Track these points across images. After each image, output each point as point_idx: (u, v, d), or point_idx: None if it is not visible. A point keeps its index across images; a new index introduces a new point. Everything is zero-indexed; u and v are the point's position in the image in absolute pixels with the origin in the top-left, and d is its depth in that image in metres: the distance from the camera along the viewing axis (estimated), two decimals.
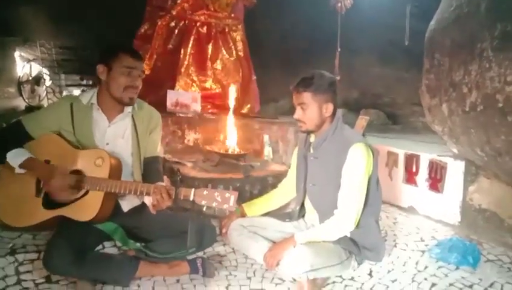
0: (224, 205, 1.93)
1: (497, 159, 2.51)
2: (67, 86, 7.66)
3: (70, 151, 2.09)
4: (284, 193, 2.60)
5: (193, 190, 1.97)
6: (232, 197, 1.93)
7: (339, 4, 4.57)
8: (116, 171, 2.09)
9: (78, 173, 2.05)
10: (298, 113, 2.23)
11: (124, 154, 2.20)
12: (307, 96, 2.17)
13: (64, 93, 7.47)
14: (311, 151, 2.33)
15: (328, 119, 2.24)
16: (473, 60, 2.44)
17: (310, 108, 2.18)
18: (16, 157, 2.02)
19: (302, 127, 2.26)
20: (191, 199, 1.96)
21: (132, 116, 2.25)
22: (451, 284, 2.22)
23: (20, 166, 2.01)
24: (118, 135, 2.22)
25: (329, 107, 2.20)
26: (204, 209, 1.96)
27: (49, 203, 2.02)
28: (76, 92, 7.92)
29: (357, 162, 2.12)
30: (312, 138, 2.34)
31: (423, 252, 2.63)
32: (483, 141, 2.55)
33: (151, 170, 2.28)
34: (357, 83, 5.96)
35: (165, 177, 2.42)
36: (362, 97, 6.11)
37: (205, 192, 1.95)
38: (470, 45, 2.47)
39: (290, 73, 6.37)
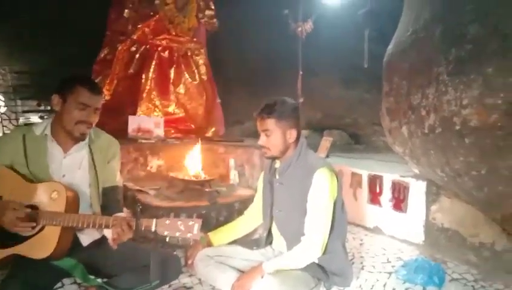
0: (188, 233, 1.87)
1: (457, 179, 2.58)
2: (24, 112, 7.39)
3: (23, 186, 1.98)
4: (251, 220, 2.57)
5: (155, 220, 1.91)
6: (195, 225, 1.88)
7: (300, 29, 4.67)
8: (73, 204, 1.99)
9: (33, 208, 1.94)
10: (262, 140, 2.22)
11: (81, 185, 2.12)
12: (270, 123, 2.18)
13: (21, 120, 7.18)
14: (277, 177, 2.32)
15: (292, 145, 2.25)
16: (430, 83, 2.51)
17: (274, 134, 2.19)
18: None
19: (267, 153, 2.25)
20: (153, 229, 1.88)
21: (89, 145, 2.17)
22: None
23: None
24: (74, 166, 2.13)
25: (293, 133, 2.21)
26: (167, 239, 1.89)
27: (3, 241, 1.89)
28: (33, 118, 7.66)
29: (321, 187, 2.12)
30: (277, 164, 2.33)
31: (390, 273, 2.64)
32: (443, 162, 2.61)
33: (110, 200, 2.19)
34: (319, 104, 6.05)
35: (124, 209, 2.33)
36: (325, 118, 6.20)
37: (167, 221, 1.89)
38: (426, 69, 2.54)
39: (254, 95, 6.46)
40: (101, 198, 2.18)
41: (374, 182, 3.48)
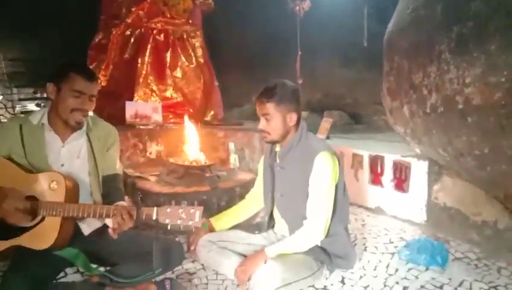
0: (189, 221, 1.86)
1: (459, 159, 2.56)
2: (20, 100, 7.30)
3: (22, 176, 1.96)
4: (252, 204, 2.57)
5: (155, 208, 1.90)
6: (197, 212, 1.86)
7: (297, 7, 4.57)
8: (72, 193, 1.98)
9: (32, 198, 1.92)
10: (262, 124, 2.20)
11: (81, 174, 2.11)
12: (270, 107, 2.15)
13: (17, 108, 7.11)
14: (277, 161, 2.30)
15: (293, 129, 2.22)
16: (432, 62, 2.46)
17: (274, 118, 2.16)
18: None
19: (267, 138, 2.23)
20: (154, 218, 1.87)
21: (87, 134, 2.14)
22: (422, 287, 2.23)
23: None
24: (73, 155, 2.11)
25: (293, 116, 2.18)
26: (168, 227, 1.88)
27: (3, 232, 1.88)
28: (30, 106, 7.59)
29: (323, 171, 2.11)
30: (277, 148, 2.31)
31: (393, 254, 2.64)
32: (445, 142, 2.58)
33: (110, 188, 2.19)
34: (319, 84, 5.99)
35: (126, 197, 2.32)
36: (325, 98, 6.15)
37: (168, 210, 1.88)
38: (428, 48, 2.49)
39: (253, 77, 6.40)
40: (102, 186, 2.17)
41: (375, 162, 3.46)
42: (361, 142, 4.22)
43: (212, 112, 5.24)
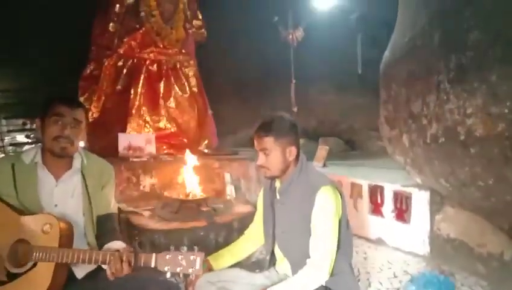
0: (189, 269, 1.75)
1: (462, 189, 2.50)
2: (9, 131, 7.19)
3: (13, 218, 1.86)
4: (252, 241, 2.46)
5: (154, 255, 1.79)
6: (197, 259, 1.76)
7: (290, 36, 4.58)
8: (67, 237, 1.87)
9: (23, 242, 1.82)
10: (261, 159, 2.12)
11: (75, 215, 2.01)
12: (268, 142, 2.07)
13: (6, 139, 6.98)
14: (278, 197, 2.21)
15: (293, 163, 2.15)
16: (431, 91, 2.43)
17: (273, 153, 2.08)
18: None
19: (267, 173, 2.15)
20: (153, 265, 1.77)
21: (82, 171, 2.06)
22: None
23: None
24: (67, 195, 2.02)
25: (293, 150, 2.11)
26: (168, 275, 1.77)
27: None
28: (19, 137, 7.47)
29: (325, 207, 2.02)
30: (277, 183, 2.23)
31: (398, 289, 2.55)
32: (447, 172, 2.53)
33: (105, 229, 2.08)
34: (314, 111, 5.99)
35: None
36: (320, 125, 6.14)
37: (168, 256, 1.77)
38: (426, 77, 2.46)
39: (247, 105, 6.40)
40: (96, 227, 2.07)
41: (375, 192, 3.39)
42: (359, 169, 4.17)
43: (206, 141, 5.17)
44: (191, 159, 3.62)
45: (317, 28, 4.75)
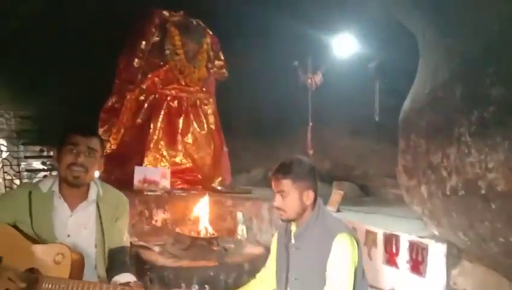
0: None
1: (481, 244, 2.43)
2: (26, 157, 7.28)
3: (25, 246, 1.87)
4: (263, 285, 2.41)
5: None
6: None
7: (309, 80, 4.65)
8: (78, 268, 1.87)
9: (33, 271, 1.81)
10: (278, 201, 2.12)
11: (87, 246, 2.01)
12: (286, 184, 2.08)
13: (22, 165, 7.08)
14: (293, 241, 2.19)
15: (309, 207, 2.14)
16: (451, 144, 2.42)
17: (290, 196, 2.08)
18: None
19: (283, 216, 2.14)
20: None
21: (97, 203, 2.07)
22: None
23: None
24: (80, 225, 2.03)
25: (310, 194, 2.11)
26: None
27: None
28: (36, 163, 7.57)
29: (342, 255, 1.99)
30: (293, 227, 2.21)
31: None
32: (466, 226, 2.48)
33: (116, 262, 2.09)
34: (328, 154, 5.99)
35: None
36: (334, 168, 6.12)
37: None
38: (447, 129, 2.46)
39: (262, 144, 6.43)
40: (107, 259, 2.06)
41: (390, 241, 3.32)
42: (374, 217, 4.10)
43: (220, 178, 5.18)
44: (204, 196, 3.62)
45: (336, 73, 4.83)
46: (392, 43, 4.38)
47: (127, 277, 1.96)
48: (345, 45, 4.48)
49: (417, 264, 3.12)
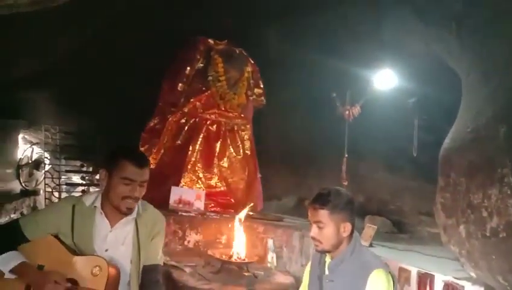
0: None
1: None
2: (67, 171, 7.55)
3: (66, 257, 1.94)
4: None
5: None
6: None
7: (347, 112, 4.67)
8: (113, 282, 1.92)
9: (72, 281, 1.87)
10: (314, 232, 2.11)
11: (122, 261, 2.05)
12: (323, 215, 2.07)
13: (63, 178, 7.35)
14: (326, 273, 2.17)
15: (346, 240, 2.12)
16: (493, 184, 2.38)
17: (327, 227, 2.08)
18: (7, 261, 1.87)
19: (318, 247, 2.13)
20: None
21: (136, 220, 2.13)
22: None
23: (11, 271, 1.85)
24: (118, 241, 2.08)
25: (347, 226, 2.09)
26: None
27: None
28: (75, 178, 7.84)
29: None
30: (327, 258, 2.19)
31: None
32: (506, 270, 2.40)
33: (149, 279, 2.11)
34: (362, 188, 5.91)
35: None
36: (368, 202, 6.01)
37: None
38: (488, 169, 2.42)
39: (295, 172, 6.43)
40: (141, 276, 2.10)
41: (425, 280, 3.23)
42: (407, 254, 4.00)
43: (252, 203, 5.21)
44: (238, 221, 3.65)
45: (374, 107, 4.82)
46: (433, 80, 4.36)
47: None
48: (384, 79, 4.49)
49: None
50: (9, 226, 2.05)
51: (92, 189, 6.83)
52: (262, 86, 5.53)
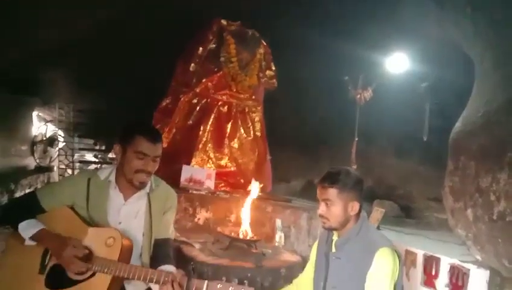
0: None
1: None
2: (80, 149, 7.67)
3: (81, 228, 2.00)
4: None
5: (206, 282, 1.86)
6: None
7: (359, 96, 4.66)
8: (126, 253, 1.99)
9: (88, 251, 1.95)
10: (322, 209, 2.15)
11: (135, 234, 2.12)
12: (332, 193, 2.11)
13: (76, 156, 7.47)
14: (333, 250, 2.22)
15: (353, 218, 2.16)
16: (502, 168, 2.39)
17: (335, 205, 2.12)
18: (28, 228, 1.95)
19: (325, 224, 2.17)
20: None
21: (148, 194, 2.19)
22: None
23: (31, 237, 1.93)
24: (131, 215, 2.15)
25: (355, 205, 2.13)
26: None
27: (52, 283, 1.89)
28: (88, 156, 7.96)
29: (383, 268, 2.00)
30: (335, 236, 2.24)
31: None
32: None
33: (160, 252, 2.18)
34: (371, 171, 5.92)
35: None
36: (376, 187, 6.04)
37: (219, 286, 1.83)
38: (498, 153, 2.43)
39: (304, 155, 6.46)
40: (152, 249, 2.16)
41: (430, 263, 3.26)
42: (414, 238, 4.03)
43: (261, 185, 5.26)
44: (249, 200, 3.71)
45: (386, 91, 4.81)
46: (446, 64, 4.32)
47: (170, 268, 2.05)
48: (397, 63, 4.47)
49: (457, 289, 3.05)
50: (26, 197, 2.13)
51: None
52: (274, 68, 5.52)
